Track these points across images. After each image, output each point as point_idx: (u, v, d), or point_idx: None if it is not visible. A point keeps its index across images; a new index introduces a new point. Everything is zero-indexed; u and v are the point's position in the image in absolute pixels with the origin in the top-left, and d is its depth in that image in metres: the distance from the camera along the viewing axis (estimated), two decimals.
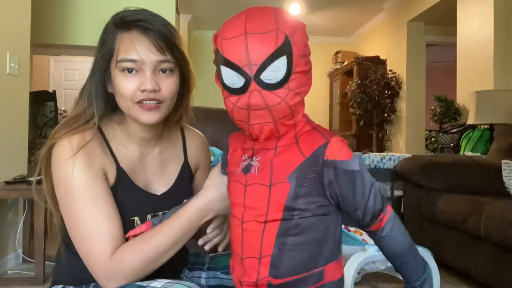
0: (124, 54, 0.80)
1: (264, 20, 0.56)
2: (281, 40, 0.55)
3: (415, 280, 0.66)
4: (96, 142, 0.84)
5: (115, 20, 0.84)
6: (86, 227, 0.77)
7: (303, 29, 0.59)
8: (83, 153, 0.79)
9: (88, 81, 0.86)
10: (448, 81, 5.22)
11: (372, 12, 5.80)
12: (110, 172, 0.83)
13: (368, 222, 0.63)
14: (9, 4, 2.24)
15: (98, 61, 0.84)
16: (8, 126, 2.25)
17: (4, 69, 2.20)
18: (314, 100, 6.95)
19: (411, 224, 2.53)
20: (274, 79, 0.56)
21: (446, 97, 4.03)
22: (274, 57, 0.55)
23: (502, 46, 3.43)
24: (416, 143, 4.97)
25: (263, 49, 0.55)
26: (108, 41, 0.83)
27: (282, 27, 0.56)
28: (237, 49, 0.56)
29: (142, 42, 0.80)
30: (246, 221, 0.63)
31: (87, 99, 0.85)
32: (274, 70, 0.56)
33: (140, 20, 0.81)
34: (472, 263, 1.98)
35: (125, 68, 0.80)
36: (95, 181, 0.79)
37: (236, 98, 0.58)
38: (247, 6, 0.62)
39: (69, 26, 3.54)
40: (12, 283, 2.02)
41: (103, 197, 0.79)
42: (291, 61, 0.56)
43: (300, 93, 0.59)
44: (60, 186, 0.79)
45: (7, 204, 2.30)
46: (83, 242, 0.77)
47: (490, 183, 2.34)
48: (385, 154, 2.81)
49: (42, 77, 6.29)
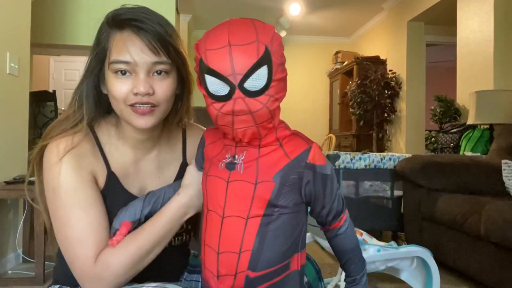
0: (116, 55, 0.76)
1: (245, 32, 0.60)
2: (262, 51, 0.59)
3: (358, 273, 0.74)
4: (87, 145, 0.81)
5: (109, 19, 0.80)
6: (71, 231, 0.75)
7: (279, 39, 0.63)
8: (72, 156, 0.77)
9: (81, 81, 0.83)
10: (448, 81, 5.22)
11: (372, 12, 5.80)
12: (100, 176, 0.81)
13: (330, 220, 0.72)
14: (9, 4, 2.24)
15: (92, 61, 0.81)
16: (8, 126, 2.25)
17: (4, 69, 2.20)
18: (314, 100, 6.96)
19: (411, 224, 2.53)
20: (256, 87, 0.60)
21: (446, 97, 4.02)
22: (256, 67, 0.59)
23: (502, 46, 3.43)
24: (416, 143, 4.97)
25: (246, 60, 0.59)
26: (101, 40, 0.80)
27: (262, 39, 0.60)
28: (222, 59, 0.59)
29: (135, 43, 0.76)
30: (227, 216, 0.66)
31: (78, 100, 0.82)
32: (257, 79, 0.60)
33: (134, 19, 0.77)
34: (472, 263, 1.98)
35: (117, 69, 0.77)
36: (83, 185, 0.77)
37: (220, 105, 0.62)
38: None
39: (69, 26, 3.54)
40: (12, 283, 2.02)
41: (90, 201, 0.77)
42: (271, 69, 0.61)
43: (278, 99, 0.63)
44: (49, 189, 0.78)
45: (7, 204, 2.30)
46: (68, 247, 0.76)
47: (490, 183, 2.34)
48: (385, 154, 2.81)
49: (42, 77, 6.29)
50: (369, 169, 2.74)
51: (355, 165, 2.72)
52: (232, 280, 0.66)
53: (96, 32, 0.82)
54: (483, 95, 3.10)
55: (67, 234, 0.76)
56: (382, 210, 2.88)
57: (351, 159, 2.72)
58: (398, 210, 2.79)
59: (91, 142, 0.83)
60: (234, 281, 0.66)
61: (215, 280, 0.68)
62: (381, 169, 2.75)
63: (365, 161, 2.73)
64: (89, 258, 0.73)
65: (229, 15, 5.30)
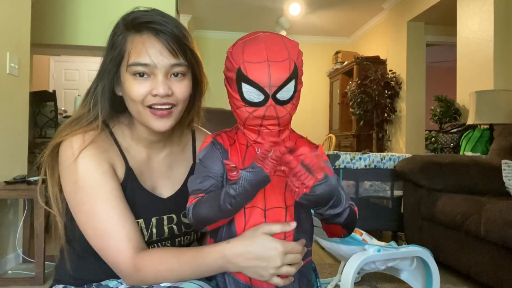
0: (135, 58, 0.77)
1: (280, 50, 0.71)
2: (292, 67, 0.71)
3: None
4: (106, 140, 0.83)
5: (126, 22, 0.80)
6: (100, 224, 0.76)
7: (301, 54, 0.75)
8: (92, 148, 0.78)
9: (94, 82, 0.84)
10: (448, 81, 5.23)
11: (372, 12, 5.80)
12: (119, 169, 0.82)
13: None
14: (9, 4, 2.24)
15: (107, 64, 0.82)
16: (8, 126, 2.25)
17: (4, 69, 2.20)
18: (314, 100, 6.96)
19: (411, 224, 2.53)
20: (285, 97, 0.71)
21: (446, 97, 4.02)
22: (288, 81, 0.70)
23: (502, 46, 3.43)
24: (416, 143, 4.97)
25: (281, 75, 0.70)
26: (118, 44, 0.80)
27: (292, 56, 0.71)
28: (262, 73, 0.69)
29: (155, 45, 0.77)
30: (269, 209, 0.72)
31: (92, 100, 0.83)
32: (287, 91, 0.71)
33: (152, 22, 0.78)
34: (472, 263, 1.98)
35: (136, 72, 0.78)
36: (106, 176, 0.78)
37: (252, 109, 0.71)
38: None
39: (69, 26, 3.54)
40: (12, 283, 2.02)
41: (114, 193, 0.78)
42: (297, 82, 0.73)
43: (296, 106, 0.75)
44: (70, 184, 0.78)
45: (7, 204, 2.30)
46: (99, 239, 0.77)
47: (490, 183, 2.34)
48: (385, 154, 2.81)
49: (42, 77, 6.29)
50: (369, 169, 2.74)
51: (355, 165, 2.72)
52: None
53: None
54: (483, 95, 3.10)
55: (96, 226, 0.77)
56: (382, 210, 2.87)
57: (351, 159, 2.72)
58: (398, 210, 2.79)
59: (109, 138, 0.84)
60: None
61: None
62: (381, 169, 2.75)
63: (365, 161, 2.73)
64: (122, 251, 0.75)
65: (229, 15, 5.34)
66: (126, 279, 0.76)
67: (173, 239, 0.88)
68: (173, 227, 0.88)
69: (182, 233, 0.89)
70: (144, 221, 0.83)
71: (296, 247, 0.71)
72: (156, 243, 0.86)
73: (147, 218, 0.84)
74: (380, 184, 2.86)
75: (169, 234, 0.87)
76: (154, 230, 0.84)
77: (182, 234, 0.90)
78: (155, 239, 0.85)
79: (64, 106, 5.67)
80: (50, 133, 3.80)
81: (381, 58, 5.69)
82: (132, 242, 0.76)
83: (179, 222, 0.88)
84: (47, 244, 2.03)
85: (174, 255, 0.75)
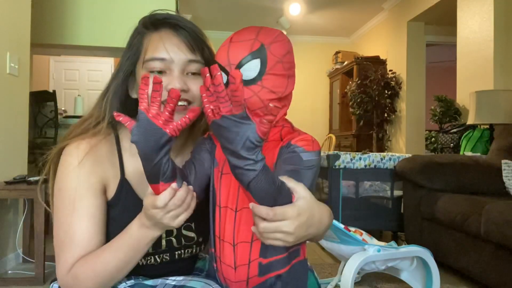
0: (152, 52, 0.76)
1: (247, 33, 0.71)
2: (256, 47, 0.69)
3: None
4: (105, 148, 0.80)
5: (144, 21, 0.81)
6: (63, 234, 0.75)
7: (283, 41, 0.72)
8: (87, 160, 0.77)
9: (109, 83, 0.83)
10: (448, 81, 5.22)
11: (372, 12, 5.80)
12: (112, 184, 0.80)
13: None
14: (9, 4, 2.24)
15: (123, 63, 0.81)
16: (8, 126, 2.25)
17: (4, 69, 2.20)
18: (314, 100, 6.96)
19: (411, 224, 2.53)
20: (248, 76, 0.68)
21: (446, 97, 4.02)
22: (248, 59, 0.68)
23: (502, 46, 3.43)
24: (416, 143, 4.97)
25: (239, 53, 0.69)
26: (135, 43, 0.80)
27: (260, 38, 0.70)
28: (223, 53, 0.70)
29: (172, 40, 0.77)
30: (240, 209, 0.71)
31: (104, 101, 0.82)
32: (248, 70, 0.68)
33: (171, 18, 0.78)
34: (472, 263, 1.98)
35: (152, 68, 0.76)
36: (88, 192, 0.76)
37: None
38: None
39: (69, 26, 3.54)
40: (12, 283, 2.02)
41: (91, 210, 0.76)
42: (265, 64, 0.69)
43: (275, 92, 0.70)
44: (56, 187, 0.78)
45: (7, 204, 2.30)
46: (56, 248, 0.76)
47: (490, 183, 2.34)
48: (385, 154, 2.81)
49: (42, 77, 6.29)
50: (369, 169, 2.74)
51: (355, 165, 2.72)
52: (246, 269, 0.71)
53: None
54: (483, 95, 3.10)
55: (59, 235, 0.76)
56: (382, 210, 2.87)
57: (351, 159, 2.72)
58: (398, 210, 2.79)
59: (111, 145, 0.82)
60: (248, 269, 0.71)
61: (233, 271, 0.72)
62: (381, 169, 2.75)
63: (365, 161, 2.73)
64: (67, 264, 0.73)
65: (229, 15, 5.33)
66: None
67: (172, 251, 0.85)
68: (172, 240, 0.84)
69: (182, 246, 0.86)
70: None
71: (166, 194, 0.62)
72: (153, 256, 0.83)
73: None
74: (380, 184, 2.86)
75: (167, 246, 0.84)
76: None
77: (182, 247, 0.86)
78: (152, 251, 0.82)
79: (64, 106, 5.66)
80: (50, 133, 3.80)
81: (381, 58, 5.69)
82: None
83: (179, 234, 0.85)
84: (47, 244, 2.02)
85: (101, 250, 0.73)
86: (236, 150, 0.55)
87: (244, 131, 0.54)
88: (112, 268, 0.71)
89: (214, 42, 2.79)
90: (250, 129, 0.54)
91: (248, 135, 0.54)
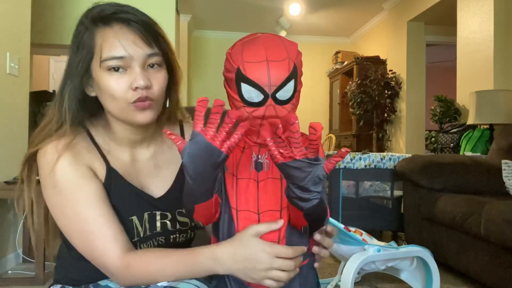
0: (108, 51, 0.73)
1: (278, 49, 0.71)
2: (291, 67, 0.70)
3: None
4: (82, 143, 0.80)
5: (92, 16, 0.76)
6: (83, 225, 0.75)
7: (301, 55, 0.75)
8: (68, 153, 0.76)
9: (62, 85, 0.79)
10: (448, 81, 5.22)
11: (372, 12, 5.80)
12: (99, 170, 0.80)
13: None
14: (9, 4, 2.24)
15: (75, 65, 0.77)
16: (8, 126, 2.25)
17: (4, 69, 2.20)
18: (314, 100, 6.95)
19: (411, 224, 2.53)
20: (285, 97, 0.70)
21: (446, 97, 4.02)
22: (287, 80, 0.70)
23: (502, 46, 3.43)
24: (416, 143, 4.97)
25: (280, 74, 0.69)
26: (85, 42, 0.76)
27: (291, 56, 0.71)
28: (261, 72, 0.68)
29: (128, 36, 0.74)
30: (262, 212, 0.72)
31: (59, 103, 0.79)
32: (287, 91, 0.70)
33: (121, 12, 0.75)
34: (472, 263, 1.98)
35: (111, 67, 0.74)
36: (83, 179, 0.76)
37: (252, 109, 0.70)
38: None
39: (69, 26, 3.51)
40: (12, 283, 2.02)
41: (97, 194, 0.76)
42: (297, 82, 0.72)
43: (296, 106, 0.73)
44: (49, 188, 0.76)
45: (7, 204, 2.30)
46: (84, 242, 0.75)
47: (490, 183, 2.34)
48: (385, 154, 2.81)
49: (42, 77, 6.29)
50: (369, 169, 2.74)
51: (355, 165, 2.72)
52: None
53: (72, 34, 0.79)
54: (483, 95, 3.10)
55: (80, 228, 0.75)
56: (382, 210, 2.88)
57: (351, 159, 2.72)
58: (398, 210, 2.79)
59: (86, 141, 0.81)
60: None
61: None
62: (381, 169, 2.75)
63: (365, 161, 2.73)
64: (109, 250, 0.73)
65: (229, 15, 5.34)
66: (116, 278, 0.75)
67: (167, 235, 0.86)
68: (167, 223, 0.85)
69: (176, 230, 0.87)
70: (137, 218, 0.82)
71: (286, 251, 0.68)
72: (150, 239, 0.84)
73: (140, 215, 0.82)
74: (380, 184, 2.86)
75: (162, 229, 0.85)
76: (147, 225, 0.83)
77: (177, 231, 0.87)
78: (148, 234, 0.83)
79: None
80: None
81: (381, 58, 5.69)
82: (119, 242, 0.75)
83: (174, 219, 0.86)
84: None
85: (164, 255, 0.74)
86: (307, 187, 0.62)
87: (315, 170, 0.60)
88: (163, 275, 0.73)
89: (213, 42, 2.80)
90: (320, 168, 0.61)
91: (318, 174, 0.61)
